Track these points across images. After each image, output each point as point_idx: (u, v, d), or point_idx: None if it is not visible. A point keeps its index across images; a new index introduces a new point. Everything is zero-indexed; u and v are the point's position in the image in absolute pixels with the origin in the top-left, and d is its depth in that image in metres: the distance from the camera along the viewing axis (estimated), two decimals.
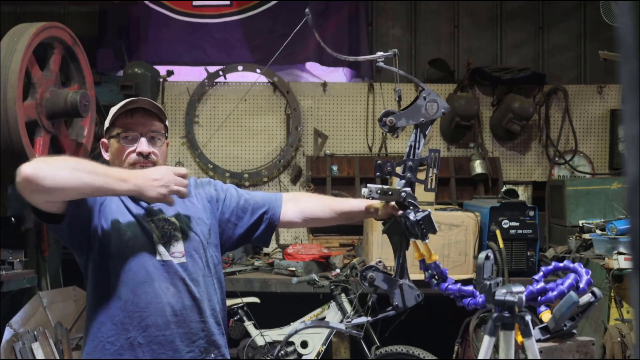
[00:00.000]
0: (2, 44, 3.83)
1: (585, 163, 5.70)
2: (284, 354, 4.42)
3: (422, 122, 2.02)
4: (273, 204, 2.24)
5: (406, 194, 1.98)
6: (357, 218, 2.31)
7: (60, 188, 1.80)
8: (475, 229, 4.40)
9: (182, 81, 5.69)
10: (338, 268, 4.61)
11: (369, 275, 2.03)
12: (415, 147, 2.02)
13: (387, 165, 2.02)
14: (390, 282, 2.04)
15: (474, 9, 6.03)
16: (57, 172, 1.81)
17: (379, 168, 2.02)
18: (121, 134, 2.08)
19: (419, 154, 2.02)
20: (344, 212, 2.23)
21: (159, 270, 2.01)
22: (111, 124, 2.10)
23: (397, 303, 2.03)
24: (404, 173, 2.02)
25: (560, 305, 1.91)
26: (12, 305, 4.21)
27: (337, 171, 5.58)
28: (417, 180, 2.02)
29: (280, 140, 5.70)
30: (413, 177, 2.02)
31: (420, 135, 2.03)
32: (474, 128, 5.60)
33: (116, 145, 2.09)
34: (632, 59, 0.67)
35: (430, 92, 2.02)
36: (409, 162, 2.02)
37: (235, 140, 5.70)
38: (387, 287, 2.04)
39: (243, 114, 5.69)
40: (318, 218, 2.27)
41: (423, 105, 2.01)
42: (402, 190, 1.99)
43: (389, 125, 2.01)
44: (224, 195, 2.23)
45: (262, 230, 2.23)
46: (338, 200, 2.30)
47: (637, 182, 0.66)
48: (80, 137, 4.43)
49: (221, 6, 5.86)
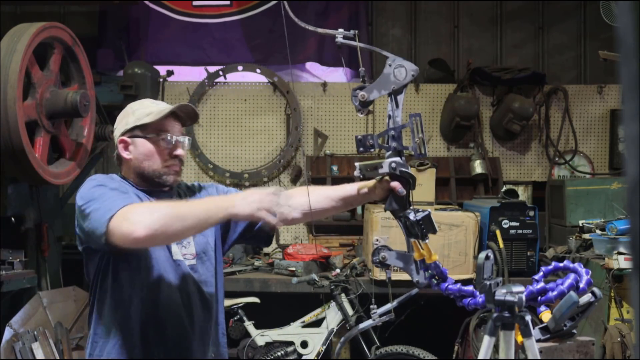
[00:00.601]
0: (2, 44, 3.83)
1: (585, 163, 5.70)
2: (284, 354, 4.42)
3: (394, 90, 1.97)
4: None
5: (396, 164, 1.93)
6: (357, 201, 2.24)
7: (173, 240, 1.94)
8: (475, 229, 4.40)
9: (182, 81, 5.69)
10: (338, 268, 4.61)
11: (381, 255, 1.99)
12: (394, 115, 1.97)
13: (368, 138, 1.98)
14: (405, 258, 1.98)
15: (474, 9, 6.03)
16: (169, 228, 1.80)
17: (360, 143, 1.98)
18: (160, 136, 2.08)
19: (399, 122, 1.97)
20: (340, 198, 2.18)
21: (174, 269, 2.04)
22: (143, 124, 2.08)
23: (417, 279, 1.97)
24: (388, 143, 1.97)
25: (560, 305, 1.91)
26: (12, 305, 4.21)
27: (337, 171, 5.58)
28: (404, 147, 1.96)
29: (280, 140, 5.70)
30: (399, 145, 1.96)
31: (394, 103, 1.98)
32: (474, 128, 5.60)
33: (150, 147, 2.07)
34: (632, 59, 0.67)
35: (395, 58, 1.97)
36: (390, 131, 1.96)
37: (235, 140, 5.70)
38: (403, 264, 1.98)
39: (243, 114, 5.69)
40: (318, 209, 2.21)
41: (391, 73, 1.97)
42: (392, 160, 1.94)
43: (361, 100, 1.97)
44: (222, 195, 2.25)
45: (260, 227, 2.21)
46: (333, 188, 2.26)
47: (637, 182, 0.66)
48: (80, 137, 4.43)
49: (221, 6, 5.86)
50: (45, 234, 4.56)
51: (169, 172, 2.09)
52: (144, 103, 2.18)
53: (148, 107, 2.14)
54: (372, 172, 1.98)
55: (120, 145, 2.11)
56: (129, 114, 2.12)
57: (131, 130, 2.10)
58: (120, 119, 2.15)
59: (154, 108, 2.12)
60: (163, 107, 2.14)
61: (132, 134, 2.10)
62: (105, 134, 4.77)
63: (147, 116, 2.09)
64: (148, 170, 2.08)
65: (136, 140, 2.09)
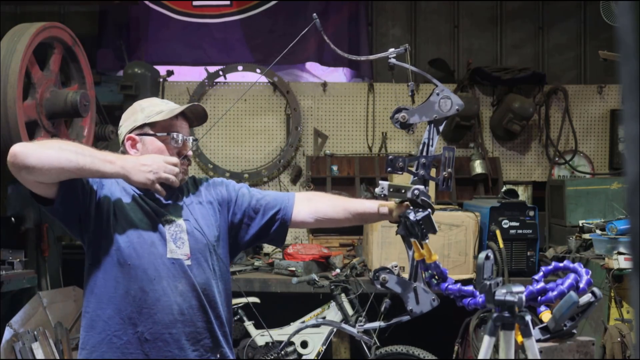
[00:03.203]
0: (2, 44, 3.83)
1: (585, 163, 5.70)
2: (284, 354, 4.42)
3: (435, 119, 1.97)
4: (285, 204, 2.20)
5: (419, 192, 1.92)
6: (371, 219, 2.22)
7: (45, 166, 1.82)
8: (475, 229, 4.40)
9: (182, 81, 5.69)
10: (338, 268, 4.61)
11: (381, 276, 1.96)
12: (429, 144, 1.97)
13: (399, 160, 1.96)
14: (404, 285, 1.96)
15: (474, 9, 6.03)
16: (43, 150, 1.83)
17: (391, 163, 1.96)
18: (169, 135, 2.07)
19: (432, 151, 1.96)
20: (357, 213, 2.16)
21: (168, 268, 2.02)
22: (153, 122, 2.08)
23: (412, 307, 1.95)
24: (416, 170, 1.96)
25: (560, 305, 1.91)
26: (12, 305, 4.21)
27: (337, 171, 5.58)
28: (431, 177, 1.96)
29: (280, 140, 5.70)
30: (427, 174, 1.95)
31: (434, 132, 1.98)
32: (474, 128, 5.60)
33: (158, 145, 2.07)
34: (632, 59, 0.67)
35: (443, 88, 1.98)
36: (422, 158, 1.96)
37: (235, 140, 5.71)
38: (401, 290, 1.96)
39: (243, 114, 5.69)
40: (331, 218, 2.19)
41: (436, 102, 1.96)
42: (415, 187, 1.92)
43: (401, 122, 1.96)
44: (235, 196, 2.21)
45: (275, 230, 2.20)
46: (352, 200, 2.23)
47: (637, 182, 0.66)
48: (80, 137, 4.43)
49: (221, 6, 5.86)
50: (45, 234, 4.56)
51: None
52: (153, 101, 2.17)
53: (158, 105, 2.13)
54: (394, 194, 1.96)
55: (127, 143, 2.10)
56: (137, 112, 2.11)
57: (140, 128, 2.09)
58: (127, 116, 2.13)
59: (164, 107, 2.12)
60: (173, 106, 2.14)
61: (142, 131, 2.09)
62: (105, 134, 4.78)
63: (158, 114, 2.08)
64: None
65: (145, 138, 2.08)
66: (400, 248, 2.07)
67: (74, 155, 1.83)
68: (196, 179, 2.25)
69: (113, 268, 2.00)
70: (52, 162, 1.81)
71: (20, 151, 1.80)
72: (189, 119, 2.16)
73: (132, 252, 2.00)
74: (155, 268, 2.00)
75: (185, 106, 2.11)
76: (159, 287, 1.99)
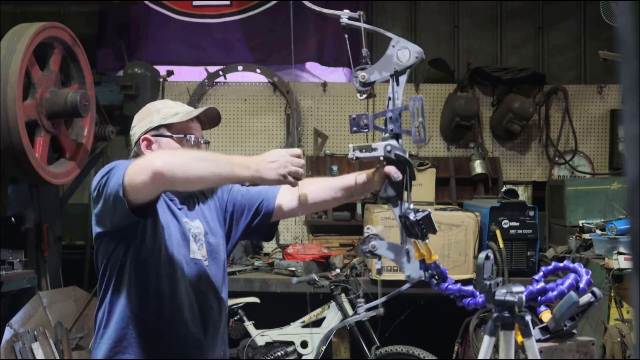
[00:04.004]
0: (2, 44, 3.83)
1: (585, 163, 5.70)
2: (284, 354, 4.42)
3: (396, 71, 1.89)
4: (269, 195, 2.20)
5: (391, 147, 1.85)
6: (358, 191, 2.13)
7: (191, 180, 1.80)
8: (475, 229, 4.40)
9: (182, 81, 5.69)
10: (338, 268, 4.61)
11: (370, 243, 1.87)
12: (394, 97, 1.89)
13: (362, 118, 1.89)
14: (396, 250, 1.87)
15: (474, 9, 6.03)
16: (188, 164, 1.79)
17: (354, 122, 1.89)
18: (184, 136, 2.08)
19: (398, 104, 1.89)
20: (340, 187, 2.11)
21: (192, 268, 2.05)
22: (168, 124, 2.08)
23: (409, 273, 1.85)
24: (385, 126, 1.89)
25: (560, 305, 1.91)
26: (12, 305, 4.21)
27: (337, 171, 5.57)
28: (402, 131, 1.88)
29: (280, 140, 5.70)
30: (396, 128, 1.87)
31: (395, 85, 1.90)
32: (474, 128, 5.60)
33: (177, 146, 2.07)
34: (632, 59, 0.67)
35: (399, 39, 1.90)
36: (388, 112, 1.88)
37: (235, 140, 5.70)
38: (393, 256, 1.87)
39: (243, 114, 5.69)
40: (317, 201, 2.14)
41: (394, 54, 1.90)
42: (387, 143, 1.85)
43: (361, 82, 1.90)
44: (227, 196, 2.24)
45: (259, 221, 2.20)
46: (333, 178, 2.19)
47: (637, 182, 0.66)
48: (80, 137, 4.43)
49: (221, 6, 5.86)
50: (45, 234, 4.56)
51: None
52: (167, 103, 2.17)
53: (173, 107, 2.13)
54: (366, 154, 1.88)
55: (142, 143, 2.08)
56: (152, 113, 2.11)
57: (156, 129, 2.08)
58: (141, 117, 2.13)
59: (179, 109, 2.13)
60: (188, 108, 2.15)
61: (157, 132, 2.08)
62: (105, 134, 4.78)
63: (174, 116, 2.08)
64: None
65: (161, 140, 2.08)
66: None
67: (215, 166, 1.80)
68: None
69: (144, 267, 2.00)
70: (199, 175, 1.79)
71: (167, 169, 1.75)
72: (201, 121, 2.17)
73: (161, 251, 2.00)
74: (181, 267, 2.02)
75: (202, 109, 2.12)
76: (183, 286, 2.02)
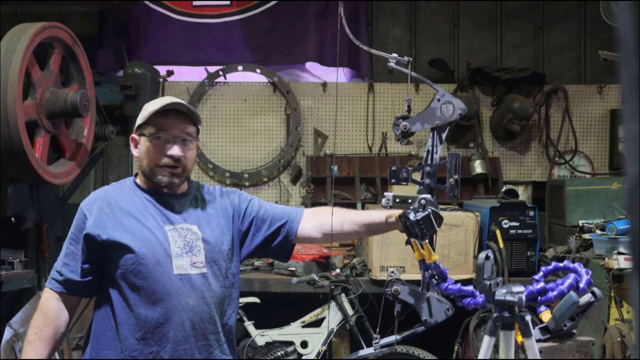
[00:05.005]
0: (2, 44, 3.83)
1: (585, 163, 5.70)
2: (284, 354, 4.42)
3: (437, 125, 1.92)
4: (292, 218, 2.19)
5: (426, 201, 1.89)
6: (380, 230, 2.20)
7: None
8: (475, 229, 4.39)
9: (182, 81, 5.69)
10: (338, 268, 4.60)
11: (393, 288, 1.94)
12: (433, 151, 1.93)
13: (402, 171, 1.92)
14: (417, 296, 1.94)
15: (474, 9, 6.03)
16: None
17: (394, 174, 1.93)
18: (154, 134, 2.06)
19: (437, 158, 1.93)
20: (364, 224, 2.14)
21: (177, 284, 2.01)
22: (145, 122, 2.08)
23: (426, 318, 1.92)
24: (422, 179, 1.93)
25: (560, 305, 1.91)
26: (12, 305, 4.20)
27: (337, 171, 5.58)
28: (437, 186, 1.93)
29: (280, 140, 5.70)
30: (432, 182, 1.92)
31: (437, 139, 1.94)
32: (474, 128, 5.60)
33: (147, 145, 2.07)
34: (632, 59, 0.67)
35: (444, 93, 1.93)
36: (427, 167, 1.92)
37: (235, 140, 5.70)
38: (414, 300, 1.93)
39: (243, 114, 5.69)
40: (338, 232, 2.16)
41: (438, 108, 1.92)
42: (422, 197, 1.89)
43: (403, 131, 1.93)
44: (245, 206, 2.21)
45: (278, 242, 2.19)
46: (358, 212, 2.22)
47: (637, 182, 0.66)
48: (80, 137, 4.43)
49: (221, 6, 5.86)
50: (45, 234, 4.56)
51: (162, 172, 2.06)
52: (156, 100, 2.15)
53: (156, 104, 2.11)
54: (400, 205, 1.93)
55: (132, 144, 2.15)
56: (142, 111, 2.12)
57: (138, 128, 2.11)
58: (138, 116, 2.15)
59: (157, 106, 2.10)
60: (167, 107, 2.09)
61: (139, 132, 2.11)
62: (105, 134, 4.77)
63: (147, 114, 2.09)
64: (145, 168, 2.09)
65: (140, 139, 2.11)
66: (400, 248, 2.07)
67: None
68: (209, 188, 2.24)
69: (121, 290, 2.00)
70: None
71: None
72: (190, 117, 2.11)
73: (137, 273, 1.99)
74: (163, 287, 1.99)
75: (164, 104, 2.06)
76: (169, 305, 1.99)
